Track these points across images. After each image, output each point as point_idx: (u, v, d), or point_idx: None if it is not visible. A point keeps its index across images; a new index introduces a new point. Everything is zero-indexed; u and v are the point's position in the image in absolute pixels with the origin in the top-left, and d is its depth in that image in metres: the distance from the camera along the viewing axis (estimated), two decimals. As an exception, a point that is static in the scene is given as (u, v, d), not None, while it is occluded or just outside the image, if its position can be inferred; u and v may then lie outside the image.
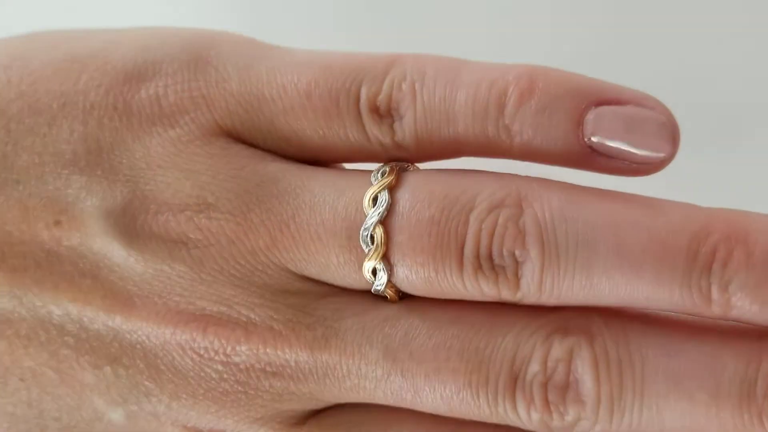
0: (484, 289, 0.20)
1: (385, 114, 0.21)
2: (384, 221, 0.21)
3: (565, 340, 0.20)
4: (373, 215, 0.21)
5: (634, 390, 0.20)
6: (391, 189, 0.21)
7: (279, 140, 0.22)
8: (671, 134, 0.20)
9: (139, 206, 0.22)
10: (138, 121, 0.22)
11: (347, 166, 0.24)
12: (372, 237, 0.21)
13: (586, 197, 0.20)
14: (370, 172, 0.22)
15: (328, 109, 0.22)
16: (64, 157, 0.22)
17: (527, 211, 0.20)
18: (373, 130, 0.21)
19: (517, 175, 0.21)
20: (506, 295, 0.20)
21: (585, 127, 0.20)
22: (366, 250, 0.21)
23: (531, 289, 0.20)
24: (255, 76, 0.22)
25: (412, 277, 0.21)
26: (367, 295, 0.22)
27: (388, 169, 0.21)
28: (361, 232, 0.21)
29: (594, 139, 0.20)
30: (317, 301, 0.22)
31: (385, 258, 0.21)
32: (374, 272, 0.21)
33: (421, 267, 0.21)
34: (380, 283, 0.21)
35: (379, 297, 0.22)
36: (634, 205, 0.20)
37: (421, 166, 0.22)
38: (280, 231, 0.21)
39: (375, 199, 0.21)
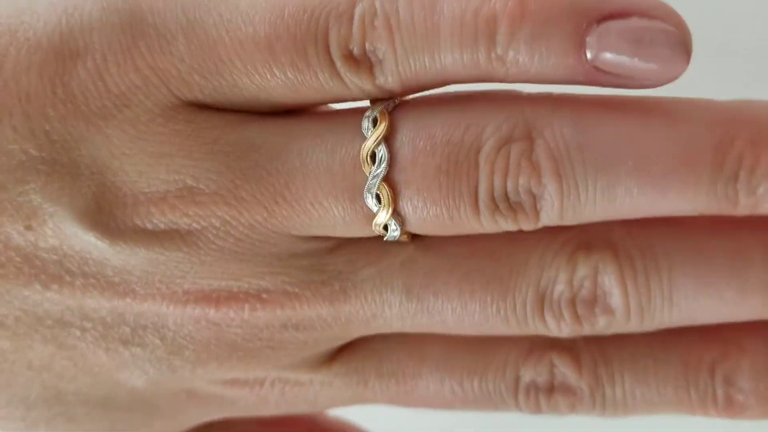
0: (503, 226, 0.20)
1: (362, 59, 0.19)
2: (387, 177, 0.19)
3: (589, 256, 0.20)
4: (374, 174, 0.19)
5: (662, 295, 0.20)
6: (387, 139, 0.19)
7: (248, 100, 0.20)
8: (683, 45, 0.18)
9: (114, 200, 0.20)
10: (86, 105, 0.19)
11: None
12: (378, 196, 0.19)
13: (598, 115, 0.19)
14: (358, 112, 0.20)
15: (295, 62, 0.19)
16: (16, 158, 0.20)
17: (538, 142, 0.19)
18: (350, 77, 0.19)
19: (520, 96, 0.19)
20: (526, 227, 0.20)
21: (587, 48, 0.18)
22: (373, 209, 0.20)
23: (552, 218, 0.19)
24: (202, 32, 0.19)
25: (426, 225, 0.20)
26: (378, 240, 0.21)
27: (378, 115, 0.19)
28: (365, 192, 0.19)
29: (598, 60, 0.18)
30: (328, 256, 0.21)
31: (395, 212, 0.20)
32: (385, 227, 0.20)
33: (435, 217, 0.20)
34: (392, 234, 0.20)
35: (392, 242, 0.21)
36: (651, 115, 0.19)
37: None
38: (275, 203, 0.20)
39: (372, 156, 0.19)
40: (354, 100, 0.20)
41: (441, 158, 0.19)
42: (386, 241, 0.20)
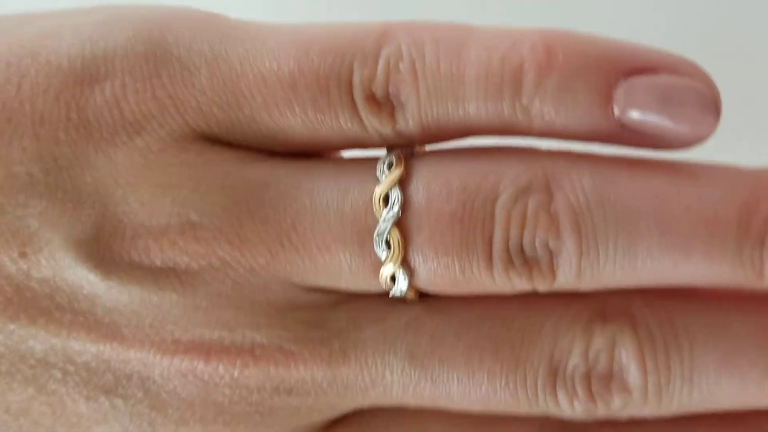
0: (517, 285, 0.19)
1: (384, 102, 0.19)
2: (399, 222, 0.19)
3: (605, 327, 0.19)
4: (386, 218, 0.18)
5: (683, 375, 0.18)
6: (402, 183, 0.19)
7: (263, 138, 0.19)
8: (713, 104, 0.18)
9: (113, 232, 0.19)
10: (98, 131, 0.19)
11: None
12: (388, 242, 0.19)
13: (620, 172, 0.18)
14: (373, 160, 0.19)
15: (317, 100, 0.19)
16: (20, 180, 0.19)
17: (558, 196, 0.18)
18: (371, 120, 0.19)
19: (540, 150, 0.19)
20: (541, 287, 0.19)
21: (615, 102, 0.18)
22: (382, 256, 0.19)
23: (569, 279, 0.18)
24: (226, 66, 0.19)
25: (436, 279, 0.19)
26: (383, 298, 0.20)
27: (395, 160, 0.19)
28: (374, 237, 0.19)
29: (625, 115, 0.18)
30: (329, 312, 0.20)
31: (404, 262, 0.19)
32: (393, 278, 0.19)
33: (446, 269, 0.19)
34: (400, 288, 0.19)
35: (399, 300, 0.20)
36: (674, 175, 0.18)
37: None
38: (280, 244, 0.19)
39: (386, 198, 0.19)
40: (372, 146, 0.19)
41: (456, 205, 0.18)
42: (392, 298, 0.19)
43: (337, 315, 0.20)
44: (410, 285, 0.19)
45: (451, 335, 0.19)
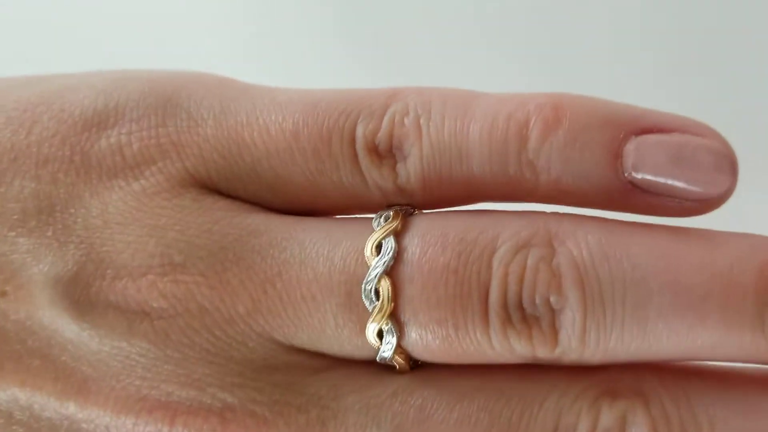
0: (515, 347, 0.17)
1: (386, 154, 0.18)
2: (390, 272, 0.17)
3: (615, 404, 0.17)
4: (377, 265, 0.17)
5: None
6: (397, 234, 0.18)
7: (262, 189, 0.19)
8: (729, 164, 0.17)
9: (94, 271, 0.18)
10: (98, 175, 0.19)
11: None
12: (377, 291, 0.17)
13: (627, 231, 0.17)
14: (370, 218, 0.19)
15: (318, 150, 0.18)
16: (12, 217, 0.19)
17: (560, 250, 0.17)
18: (371, 172, 0.18)
19: (542, 212, 0.18)
20: (542, 352, 0.17)
21: (624, 159, 0.17)
22: (370, 308, 0.17)
23: (572, 343, 0.17)
24: (233, 118, 0.19)
25: (427, 337, 0.17)
26: (371, 366, 0.18)
27: (392, 214, 0.18)
28: (363, 285, 0.17)
29: (636, 173, 0.17)
30: (310, 377, 0.18)
31: (393, 316, 0.17)
32: (380, 335, 0.17)
33: (438, 324, 0.17)
34: (388, 348, 0.17)
35: (386, 368, 0.18)
36: (685, 235, 0.17)
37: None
38: (263, 292, 0.18)
39: (378, 247, 0.18)
40: (371, 206, 0.19)
41: (451, 255, 0.17)
42: (380, 364, 0.18)
43: (318, 381, 0.18)
44: (398, 345, 0.17)
45: (443, 407, 0.17)
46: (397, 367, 0.18)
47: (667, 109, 0.18)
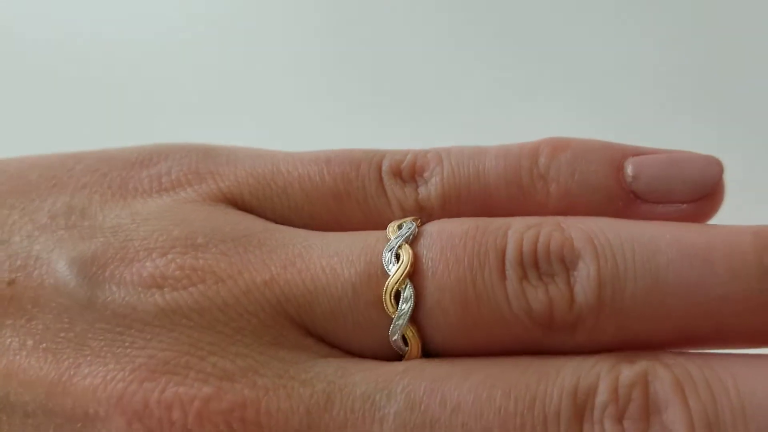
0: (533, 305, 0.17)
1: (409, 179, 0.20)
2: (411, 242, 0.18)
3: (635, 365, 0.17)
4: (399, 236, 0.18)
5: (732, 412, 0.16)
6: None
7: (289, 210, 0.20)
8: (716, 160, 0.19)
9: (114, 255, 0.19)
10: (132, 195, 0.20)
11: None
12: (397, 256, 0.18)
13: (632, 222, 0.18)
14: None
15: (347, 173, 0.20)
16: (41, 221, 0.20)
17: (570, 228, 0.18)
18: (394, 190, 0.20)
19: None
20: (560, 311, 0.17)
21: (625, 171, 0.19)
22: (390, 270, 0.18)
23: (588, 298, 0.17)
24: (269, 160, 0.21)
25: (445, 298, 0.17)
26: (380, 359, 0.18)
27: (411, 218, 0.19)
28: (384, 253, 0.18)
29: (636, 181, 0.19)
30: (317, 359, 0.18)
31: (412, 280, 0.18)
32: (396, 297, 0.18)
33: (456, 281, 0.17)
34: (403, 313, 0.17)
35: (395, 358, 0.18)
36: (685, 224, 0.18)
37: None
38: (283, 267, 0.18)
39: (399, 228, 0.19)
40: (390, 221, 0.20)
41: (469, 226, 0.18)
42: (391, 337, 0.18)
43: (325, 363, 0.18)
44: (413, 316, 0.17)
45: (457, 375, 0.17)
46: (408, 348, 0.18)
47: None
